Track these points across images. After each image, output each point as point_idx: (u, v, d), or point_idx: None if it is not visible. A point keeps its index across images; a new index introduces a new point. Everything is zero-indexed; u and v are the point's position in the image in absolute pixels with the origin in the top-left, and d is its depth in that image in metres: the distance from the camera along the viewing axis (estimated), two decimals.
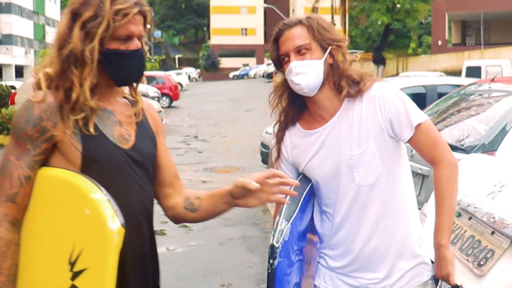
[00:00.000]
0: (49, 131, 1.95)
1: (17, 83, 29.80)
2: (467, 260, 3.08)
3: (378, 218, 2.42)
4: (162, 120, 19.92)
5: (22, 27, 67.93)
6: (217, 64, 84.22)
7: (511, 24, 46.55)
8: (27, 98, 1.99)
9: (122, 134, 2.09)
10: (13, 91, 23.48)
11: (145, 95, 18.61)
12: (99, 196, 1.85)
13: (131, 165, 2.07)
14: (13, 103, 19.51)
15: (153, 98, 25.50)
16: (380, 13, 40.79)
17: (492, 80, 6.48)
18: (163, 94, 30.47)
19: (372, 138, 2.38)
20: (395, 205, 2.44)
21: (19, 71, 66.09)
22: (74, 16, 1.98)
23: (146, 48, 2.13)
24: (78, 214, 1.86)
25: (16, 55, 64.82)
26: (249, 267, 6.19)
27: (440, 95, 9.83)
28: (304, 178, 2.51)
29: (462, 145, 5.08)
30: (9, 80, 47.18)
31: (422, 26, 61.75)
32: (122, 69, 2.04)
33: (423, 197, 4.82)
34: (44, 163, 1.98)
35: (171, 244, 7.17)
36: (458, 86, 9.00)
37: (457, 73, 28.29)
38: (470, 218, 3.31)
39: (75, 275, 1.84)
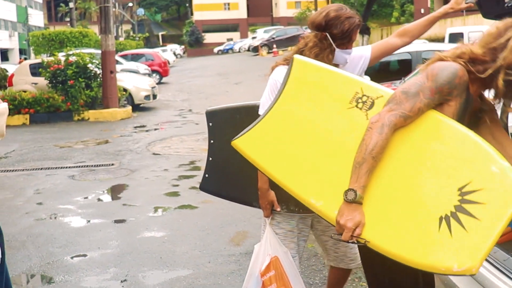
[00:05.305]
0: (451, 95, 2.57)
1: (6, 66, 30.08)
2: None
3: None
4: (156, 96, 20.53)
5: (6, 10, 67.71)
6: (201, 40, 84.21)
7: None
8: (454, 65, 2.59)
9: None
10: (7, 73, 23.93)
11: (136, 72, 19.22)
12: (506, 164, 2.39)
13: None
14: (11, 84, 20.01)
15: (144, 75, 26.00)
16: None
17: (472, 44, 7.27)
18: (153, 71, 31.02)
19: None
20: None
21: (4, 54, 65.99)
22: None
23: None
24: (481, 166, 2.40)
25: (0, 39, 64.75)
26: (260, 218, 6.85)
27: (425, 60, 10.53)
28: None
29: None
30: None
31: None
32: None
33: None
34: None
35: (185, 202, 7.89)
36: (441, 51, 9.71)
37: (440, 40, 28.91)
38: None
39: (464, 201, 2.37)
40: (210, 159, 3.69)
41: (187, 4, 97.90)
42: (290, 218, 3.64)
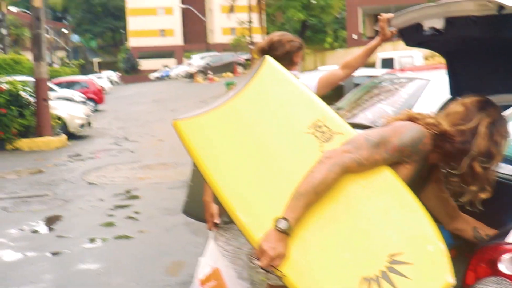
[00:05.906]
0: (410, 159, 2.57)
1: None
2: None
3: None
4: (91, 124, 20.29)
5: None
6: (137, 66, 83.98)
7: None
8: (423, 131, 2.59)
9: None
10: None
11: (70, 100, 18.87)
12: (442, 247, 2.34)
13: None
14: None
15: (79, 102, 25.65)
16: (296, 10, 41.95)
17: (401, 70, 7.56)
18: (88, 98, 30.58)
19: None
20: None
21: None
22: (492, 124, 2.61)
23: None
24: (418, 242, 2.36)
25: None
26: (196, 247, 6.88)
27: (356, 85, 10.72)
28: None
29: (376, 125, 5.96)
30: None
31: (337, 21, 63.20)
32: None
33: None
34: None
35: (121, 232, 7.79)
36: (373, 76, 9.91)
37: (372, 65, 29.47)
38: None
39: (391, 269, 2.30)
40: (191, 184, 3.94)
41: (122, 31, 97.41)
42: (239, 235, 3.65)
